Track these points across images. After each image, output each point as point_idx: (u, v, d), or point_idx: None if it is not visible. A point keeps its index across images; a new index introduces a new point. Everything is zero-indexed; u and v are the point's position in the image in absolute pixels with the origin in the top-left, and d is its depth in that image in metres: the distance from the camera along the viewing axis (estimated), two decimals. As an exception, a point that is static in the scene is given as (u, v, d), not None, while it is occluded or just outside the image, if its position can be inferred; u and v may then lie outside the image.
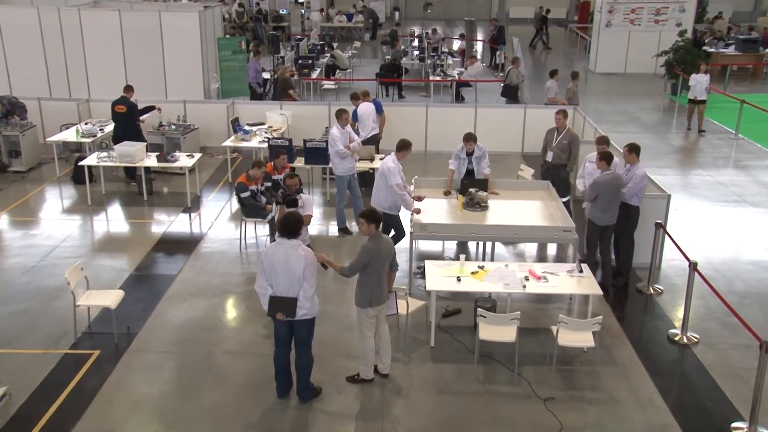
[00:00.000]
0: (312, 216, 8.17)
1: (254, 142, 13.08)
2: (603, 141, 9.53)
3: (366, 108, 12.84)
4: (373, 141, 12.43)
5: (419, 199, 9.19)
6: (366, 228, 6.51)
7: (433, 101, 18.99)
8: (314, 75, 19.84)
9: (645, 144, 15.60)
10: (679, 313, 8.38)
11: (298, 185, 8.09)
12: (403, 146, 9.06)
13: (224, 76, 16.61)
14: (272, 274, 6.16)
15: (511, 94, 17.29)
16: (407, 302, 7.59)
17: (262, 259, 6.22)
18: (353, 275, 6.60)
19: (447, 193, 9.78)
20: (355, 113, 12.75)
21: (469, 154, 9.89)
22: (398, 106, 15.96)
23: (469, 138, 9.81)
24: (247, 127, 13.64)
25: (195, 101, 15.14)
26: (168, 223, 11.10)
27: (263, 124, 14.17)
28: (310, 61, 19.96)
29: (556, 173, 10.52)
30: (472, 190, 9.32)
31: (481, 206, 9.19)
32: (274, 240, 7.17)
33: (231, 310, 8.49)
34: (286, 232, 6.14)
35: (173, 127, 13.64)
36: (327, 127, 13.60)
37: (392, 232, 9.26)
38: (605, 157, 8.62)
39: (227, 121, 14.44)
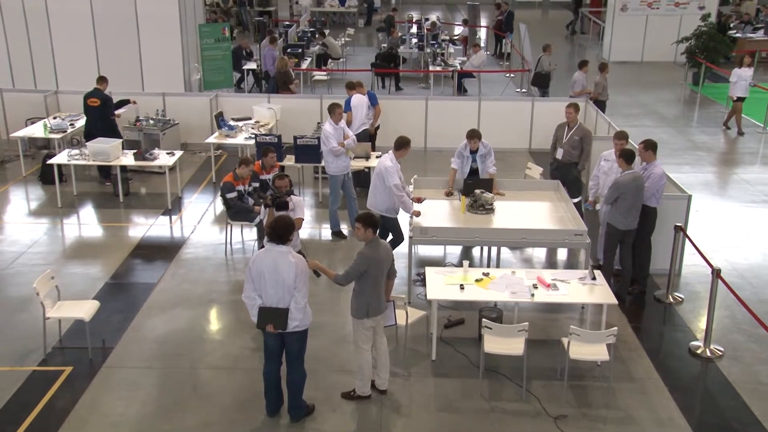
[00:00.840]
0: (303, 219, 8.25)
1: (240, 139, 13.15)
2: (622, 136, 9.57)
3: (359, 100, 12.92)
4: (363, 136, 12.50)
5: (419, 200, 9.28)
6: (362, 233, 6.59)
7: (433, 94, 19.06)
8: (304, 65, 19.93)
9: (664, 139, 15.74)
10: (702, 324, 8.47)
11: (288, 186, 8.16)
12: (402, 144, 9.14)
13: (206, 66, 16.66)
14: (261, 283, 6.24)
15: (542, 82, 17.20)
16: (407, 312, 7.67)
17: (249, 266, 6.29)
18: (348, 283, 6.68)
19: (449, 194, 9.87)
20: (347, 103, 12.84)
21: (473, 152, 9.97)
22: (395, 99, 16.03)
23: (474, 135, 9.90)
24: (232, 123, 13.70)
25: (175, 94, 15.20)
26: (146, 226, 11.15)
27: (250, 119, 14.25)
28: (300, 50, 20.05)
29: (566, 172, 10.61)
30: (477, 191, 9.41)
31: (486, 209, 9.28)
32: (262, 245, 7.18)
33: (216, 322, 8.55)
34: (276, 237, 6.21)
35: (151, 122, 13.71)
36: (319, 123, 13.67)
37: (390, 237, 9.35)
38: (625, 155, 8.68)
39: (210, 116, 14.50)
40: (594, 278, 7.85)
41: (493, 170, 9.97)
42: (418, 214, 9.04)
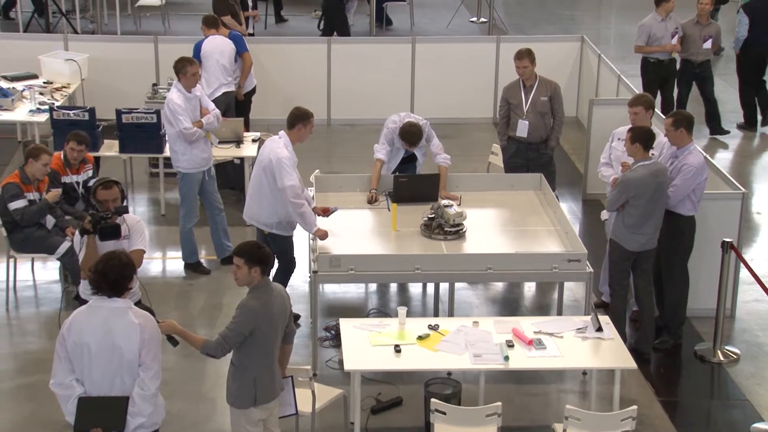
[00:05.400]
0: (145, 251, 8.43)
1: (21, 113, 13.16)
2: (640, 102, 9.98)
3: (216, 45, 13.20)
4: (222, 104, 12.67)
5: (326, 212, 9.60)
6: (245, 273, 6.88)
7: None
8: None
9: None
10: (768, 394, 9.09)
11: (119, 199, 8.26)
12: (298, 118, 9.36)
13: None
14: (83, 361, 6.42)
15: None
16: (313, 392, 7.85)
17: (62, 335, 6.45)
18: (225, 354, 6.98)
19: (372, 201, 10.28)
20: (196, 50, 13.12)
21: None
22: (277, 40, 16.23)
23: (414, 140, 10.20)
24: (4, 84, 13.71)
25: None
26: None
27: (36, 77, 14.29)
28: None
29: (534, 155, 11.23)
30: (438, 204, 9.60)
31: (450, 232, 9.45)
32: (78, 297, 7.44)
33: (-1, 421, 8.69)
34: (107, 286, 6.42)
35: None
36: (155, 85, 13.84)
37: (276, 266, 9.57)
38: (641, 137, 9.11)
39: (-38, 72, 14.45)
40: (600, 329, 8.27)
41: (443, 160, 10.44)
42: (324, 235, 9.34)
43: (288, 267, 9.76)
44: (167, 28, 18.65)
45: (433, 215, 9.59)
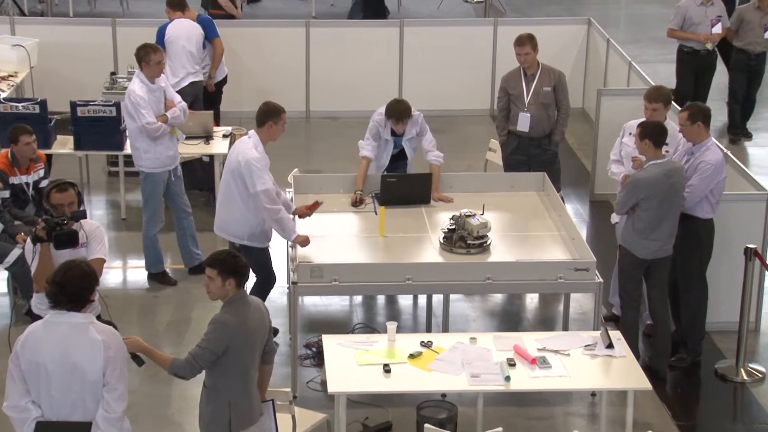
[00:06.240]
0: (105, 260, 8.45)
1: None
2: (660, 98, 10.01)
3: (182, 29, 13.24)
4: (189, 94, 12.84)
5: (310, 210, 9.62)
6: (218, 285, 6.91)
7: (317, 11, 19.52)
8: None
9: (723, 85, 16.26)
10: (798, 418, 9.14)
11: (75, 204, 8.27)
12: (269, 114, 9.39)
13: None
14: (40, 382, 6.45)
15: None
16: (294, 417, 7.90)
17: (16, 352, 6.48)
18: (195, 374, 7.00)
19: (358, 203, 10.33)
20: (160, 36, 13.15)
21: (398, 134, 10.47)
22: (250, 23, 16.26)
23: (401, 114, 10.20)
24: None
25: None
26: None
27: (-23, 64, 14.34)
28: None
29: (537, 152, 11.31)
30: (464, 212, 9.54)
31: (469, 245, 9.40)
32: (29, 311, 7.47)
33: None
34: (66, 299, 6.44)
35: None
36: (114, 74, 13.90)
37: (254, 280, 9.67)
38: (650, 133, 9.18)
39: None
40: (610, 345, 8.31)
41: (435, 158, 10.51)
42: (305, 241, 9.38)
43: (266, 282, 9.78)
44: (126, 10, 18.64)
45: (453, 226, 9.51)
